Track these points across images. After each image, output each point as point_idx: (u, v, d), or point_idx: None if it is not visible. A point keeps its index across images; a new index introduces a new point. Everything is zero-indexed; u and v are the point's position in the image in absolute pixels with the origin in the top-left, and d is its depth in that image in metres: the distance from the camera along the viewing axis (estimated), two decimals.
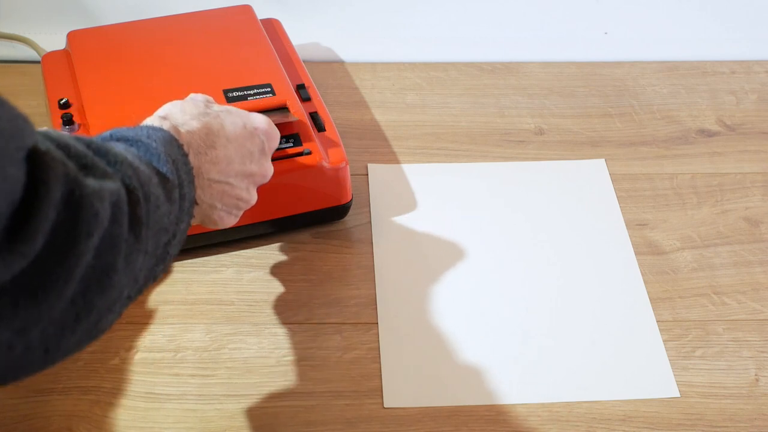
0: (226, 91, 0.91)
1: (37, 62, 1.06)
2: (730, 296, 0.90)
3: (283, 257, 0.92)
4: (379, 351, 0.84)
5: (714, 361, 0.84)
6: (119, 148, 0.61)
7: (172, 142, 0.67)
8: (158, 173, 0.62)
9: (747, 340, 0.86)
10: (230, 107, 0.77)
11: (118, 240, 0.53)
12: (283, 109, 0.91)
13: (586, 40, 1.21)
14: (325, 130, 0.93)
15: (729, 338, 0.86)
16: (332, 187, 0.91)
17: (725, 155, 1.05)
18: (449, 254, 0.92)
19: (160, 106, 0.90)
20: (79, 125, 0.91)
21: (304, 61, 1.03)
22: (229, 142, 0.73)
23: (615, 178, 1.01)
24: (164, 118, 0.71)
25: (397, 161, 1.02)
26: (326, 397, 0.80)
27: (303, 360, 0.83)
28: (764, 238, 0.96)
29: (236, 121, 0.75)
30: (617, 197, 0.99)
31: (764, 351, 0.85)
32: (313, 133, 0.91)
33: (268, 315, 0.87)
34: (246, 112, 0.78)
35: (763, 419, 0.80)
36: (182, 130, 0.70)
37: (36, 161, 0.47)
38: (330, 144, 0.91)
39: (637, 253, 0.93)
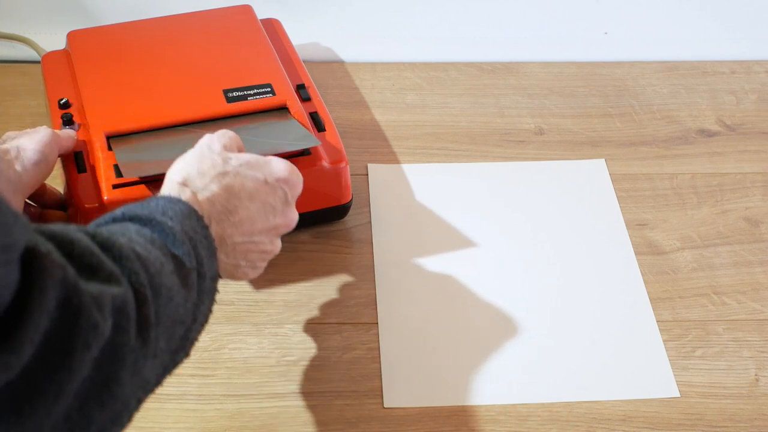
0: (226, 91, 0.91)
1: (37, 62, 1.06)
2: (730, 296, 0.90)
3: (283, 257, 0.91)
4: (379, 351, 0.84)
5: (714, 361, 0.84)
6: (130, 231, 0.58)
7: (191, 216, 0.63)
8: (173, 257, 0.58)
9: (747, 340, 0.86)
10: (249, 158, 0.72)
11: (123, 349, 0.49)
12: (282, 108, 0.91)
13: (586, 40, 1.21)
14: (325, 130, 0.93)
15: (729, 338, 0.86)
16: (332, 187, 0.91)
17: (725, 155, 1.05)
18: (449, 254, 0.92)
19: (159, 106, 0.91)
20: (79, 125, 0.91)
21: (304, 61, 1.03)
22: (251, 202, 0.70)
23: (615, 178, 1.01)
24: (183, 185, 0.67)
25: (397, 161, 1.02)
26: (326, 397, 0.80)
27: (303, 360, 0.83)
28: (764, 238, 0.96)
29: (257, 177, 0.71)
30: (617, 197, 0.99)
31: (764, 351, 0.85)
32: (313, 133, 0.91)
33: (268, 315, 0.87)
34: (265, 161, 0.72)
35: (763, 419, 0.80)
36: (202, 197, 0.67)
37: (32, 263, 0.44)
38: (330, 144, 0.91)
39: (637, 253, 0.93)
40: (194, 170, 0.68)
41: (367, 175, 1.00)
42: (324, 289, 0.89)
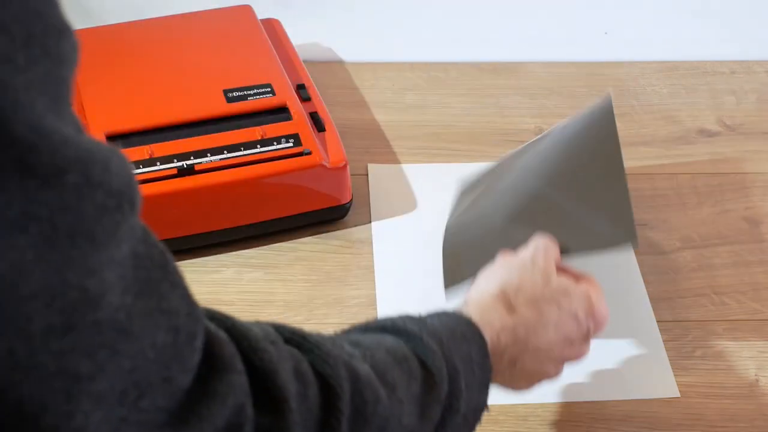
0: (226, 91, 0.91)
1: None
2: (730, 296, 0.90)
3: (283, 257, 0.92)
4: None
5: (714, 361, 0.84)
6: (382, 346, 0.59)
7: (477, 346, 0.64)
8: (424, 371, 0.59)
9: (747, 340, 0.86)
10: (567, 285, 0.70)
11: None
12: (285, 108, 0.91)
13: (586, 40, 1.21)
14: (325, 130, 0.93)
15: (729, 338, 0.86)
16: (332, 187, 0.91)
17: (725, 155, 1.05)
18: None
19: (159, 105, 0.90)
20: None
21: (304, 61, 1.03)
22: (556, 332, 0.68)
23: None
24: (499, 298, 0.68)
25: (397, 161, 1.02)
26: None
27: None
28: (764, 238, 0.96)
29: (571, 310, 0.69)
30: None
31: (764, 351, 0.85)
32: (313, 133, 0.91)
33: (268, 315, 0.86)
34: (582, 293, 0.70)
35: (763, 419, 0.80)
36: (507, 321, 0.67)
37: (214, 353, 0.47)
38: (330, 144, 0.91)
39: (637, 253, 0.93)
40: (514, 282, 0.69)
41: (367, 175, 1.00)
42: (324, 289, 0.89)
